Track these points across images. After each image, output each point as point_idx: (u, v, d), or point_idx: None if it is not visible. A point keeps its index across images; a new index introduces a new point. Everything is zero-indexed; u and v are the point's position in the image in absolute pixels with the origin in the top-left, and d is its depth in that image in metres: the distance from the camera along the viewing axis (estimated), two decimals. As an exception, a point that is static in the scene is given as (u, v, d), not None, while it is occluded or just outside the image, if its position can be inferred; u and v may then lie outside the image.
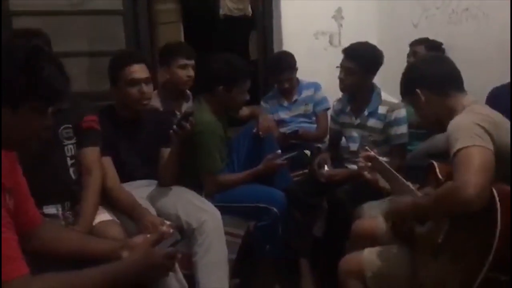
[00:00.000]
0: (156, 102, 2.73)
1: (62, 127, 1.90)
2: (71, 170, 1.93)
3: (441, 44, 2.90)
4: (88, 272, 1.24)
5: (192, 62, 2.78)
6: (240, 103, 2.47)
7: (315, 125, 3.24)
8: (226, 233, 2.17)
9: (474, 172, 1.32)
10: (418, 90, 1.67)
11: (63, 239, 1.46)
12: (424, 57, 1.85)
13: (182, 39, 4.15)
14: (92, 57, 3.30)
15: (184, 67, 2.75)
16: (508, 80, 2.28)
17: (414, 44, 2.96)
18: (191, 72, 2.77)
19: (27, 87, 1.16)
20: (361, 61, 2.41)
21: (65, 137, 1.92)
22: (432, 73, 1.68)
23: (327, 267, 2.29)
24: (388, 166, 1.80)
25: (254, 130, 2.59)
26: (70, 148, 1.93)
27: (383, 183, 1.86)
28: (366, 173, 1.88)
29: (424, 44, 2.89)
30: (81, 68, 3.30)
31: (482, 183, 1.31)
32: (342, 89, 2.53)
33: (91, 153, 1.96)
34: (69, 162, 1.92)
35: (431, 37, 2.96)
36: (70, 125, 1.92)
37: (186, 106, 2.85)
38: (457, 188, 1.33)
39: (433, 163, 1.64)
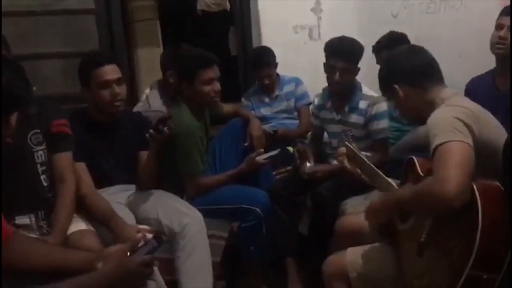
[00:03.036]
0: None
1: (31, 133, 1.82)
2: (42, 177, 1.85)
3: (404, 35, 2.84)
4: (60, 285, 1.19)
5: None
6: (207, 94, 2.32)
7: (297, 121, 3.21)
8: (210, 236, 2.14)
9: (453, 168, 1.30)
10: (396, 86, 1.64)
11: (36, 252, 1.40)
12: (399, 50, 1.80)
13: (160, 37, 4.07)
14: (66, 58, 3.22)
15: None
16: (486, 70, 2.28)
17: (377, 50, 2.88)
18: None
19: None
20: (352, 58, 2.38)
21: (35, 143, 1.84)
22: (408, 67, 1.64)
23: (314, 265, 2.26)
24: (368, 162, 1.78)
25: (246, 144, 2.56)
26: (40, 154, 1.85)
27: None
28: (346, 163, 1.89)
29: (387, 47, 2.74)
30: (55, 70, 3.22)
31: (461, 179, 1.28)
32: (337, 90, 2.46)
33: (63, 159, 1.89)
34: (40, 169, 1.85)
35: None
36: (39, 130, 1.84)
37: None
38: (437, 185, 1.31)
39: (413, 159, 1.61)
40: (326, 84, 2.51)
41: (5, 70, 1.14)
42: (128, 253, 1.37)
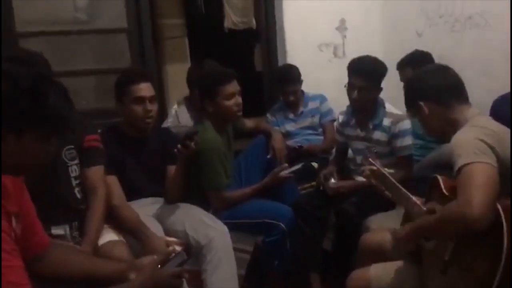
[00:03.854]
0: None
1: (65, 149, 1.92)
2: (76, 190, 1.94)
3: (428, 53, 2.85)
4: None
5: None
6: (230, 109, 2.36)
7: (321, 137, 3.24)
8: (235, 249, 2.17)
9: (477, 191, 1.30)
10: (421, 103, 1.66)
11: (71, 262, 1.47)
12: (426, 68, 1.83)
13: (188, 54, 4.18)
14: (98, 75, 3.34)
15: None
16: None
17: (401, 67, 2.89)
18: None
19: (32, 114, 1.17)
20: (372, 77, 2.40)
21: (69, 158, 1.93)
22: (434, 85, 1.66)
23: (337, 281, 2.27)
24: (392, 179, 1.79)
25: (269, 156, 2.59)
26: (74, 168, 1.94)
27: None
28: (372, 180, 1.89)
29: (411, 65, 2.78)
30: (88, 86, 3.33)
31: (486, 202, 1.29)
32: (356, 108, 2.50)
33: (95, 172, 1.97)
34: (74, 182, 1.94)
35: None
36: (73, 146, 1.94)
37: None
38: (461, 208, 1.31)
39: (437, 177, 1.62)
40: (350, 102, 2.55)
41: (53, 90, 1.20)
42: (159, 265, 1.42)
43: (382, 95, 2.53)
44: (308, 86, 3.29)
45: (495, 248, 1.26)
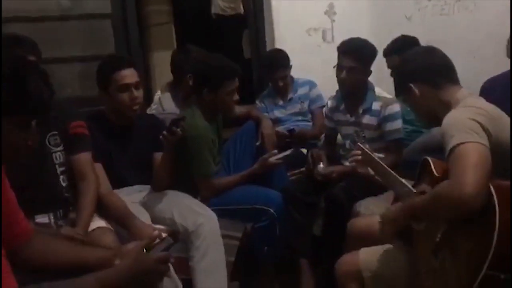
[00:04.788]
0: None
1: (48, 135, 1.87)
2: (61, 177, 1.90)
3: (415, 38, 2.82)
4: (80, 281, 1.21)
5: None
6: (228, 104, 2.39)
7: (310, 123, 3.22)
8: (224, 236, 2.15)
9: (470, 171, 1.28)
10: (412, 85, 1.64)
11: (55, 250, 1.43)
12: (416, 50, 1.81)
13: (174, 40, 4.12)
14: (83, 62, 3.27)
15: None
16: (502, 70, 2.26)
17: (388, 53, 2.87)
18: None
19: (11, 101, 1.13)
20: (362, 58, 2.38)
21: (52, 144, 1.89)
22: (425, 66, 1.64)
23: (327, 266, 2.27)
24: (382, 163, 1.78)
25: (258, 143, 2.57)
26: (58, 155, 1.90)
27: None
28: (359, 167, 1.90)
29: (397, 52, 2.73)
30: (73, 73, 3.27)
31: (479, 181, 1.27)
32: (343, 89, 2.48)
33: (83, 158, 1.93)
34: (59, 169, 1.90)
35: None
36: (56, 132, 1.89)
37: None
38: (454, 187, 1.30)
39: (427, 159, 1.61)
40: (339, 87, 2.53)
41: (33, 76, 1.16)
42: (144, 250, 1.40)
43: (371, 80, 2.51)
44: (297, 71, 3.26)
45: (487, 229, 1.24)
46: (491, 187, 1.29)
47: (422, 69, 1.64)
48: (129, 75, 2.14)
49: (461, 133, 1.38)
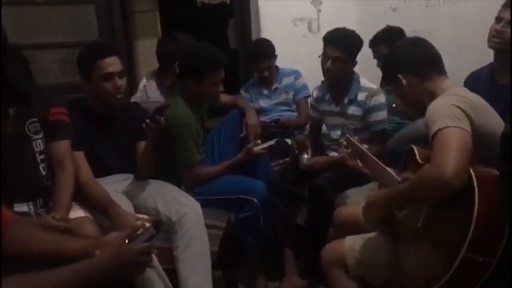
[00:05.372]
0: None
1: (28, 122, 1.82)
2: (41, 166, 1.86)
3: (400, 29, 2.84)
4: (57, 271, 1.19)
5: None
6: (213, 95, 2.38)
7: (295, 113, 3.21)
8: (208, 226, 2.14)
9: (452, 153, 1.32)
10: (400, 76, 1.66)
11: (35, 238, 1.40)
12: (404, 41, 1.84)
13: (159, 28, 4.06)
14: (65, 48, 3.20)
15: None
16: (486, 62, 2.27)
17: (374, 44, 2.89)
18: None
19: None
20: (347, 48, 2.38)
21: (32, 131, 1.84)
22: (413, 57, 1.67)
23: (311, 256, 2.28)
24: (369, 153, 1.79)
25: (242, 134, 2.56)
26: (38, 143, 1.85)
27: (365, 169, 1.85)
28: (349, 160, 1.89)
29: (384, 42, 2.79)
30: (54, 60, 3.20)
31: (460, 164, 1.30)
32: (328, 79, 2.48)
33: (61, 147, 1.89)
34: (39, 157, 1.85)
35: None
36: (37, 119, 1.84)
37: None
38: (435, 170, 1.33)
39: (412, 148, 1.63)
40: (325, 77, 2.52)
41: (11, 63, 1.13)
42: (127, 241, 1.37)
43: (357, 70, 2.51)
44: (282, 61, 3.23)
45: (466, 213, 1.27)
46: (472, 172, 1.31)
47: (411, 60, 1.66)
48: (113, 63, 2.08)
49: (443, 118, 1.40)
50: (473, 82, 2.30)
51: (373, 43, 2.89)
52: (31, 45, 2.97)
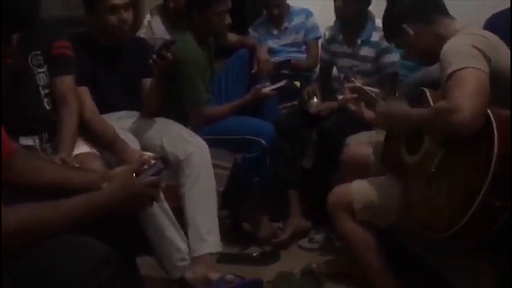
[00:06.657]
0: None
1: (31, 54, 1.76)
2: (45, 100, 1.81)
3: None
4: (64, 201, 1.18)
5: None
6: (219, 26, 2.31)
7: (305, 55, 3.13)
8: (214, 166, 2.13)
9: (468, 95, 1.27)
10: (405, 26, 1.59)
11: (41, 170, 1.39)
12: None
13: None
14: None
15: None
16: (505, 7, 2.18)
17: None
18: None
19: None
20: None
21: (35, 65, 1.78)
22: (414, 2, 1.61)
23: (315, 198, 2.28)
24: (376, 97, 1.74)
25: (253, 71, 2.50)
26: (42, 76, 1.79)
27: (369, 114, 1.81)
28: (350, 104, 1.84)
29: None
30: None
31: (476, 106, 1.26)
32: (341, 18, 2.41)
33: (65, 82, 1.83)
34: (43, 92, 1.80)
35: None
36: (40, 52, 1.78)
37: None
38: (451, 110, 1.28)
39: (424, 90, 1.58)
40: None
41: None
42: (134, 175, 1.36)
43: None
44: (293, -1, 3.11)
45: (484, 156, 1.23)
46: (490, 114, 1.27)
47: (413, 7, 1.60)
48: None
49: (460, 59, 1.35)
50: (493, 26, 2.22)
51: None
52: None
